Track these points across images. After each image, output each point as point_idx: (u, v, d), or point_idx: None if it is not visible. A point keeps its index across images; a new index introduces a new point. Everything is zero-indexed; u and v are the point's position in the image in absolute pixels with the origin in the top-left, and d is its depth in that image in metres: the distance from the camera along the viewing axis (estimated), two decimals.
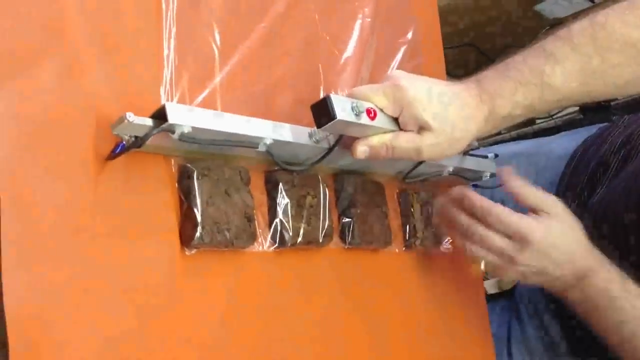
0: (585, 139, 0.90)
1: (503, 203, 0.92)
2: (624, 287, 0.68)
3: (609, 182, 0.80)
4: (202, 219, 0.53)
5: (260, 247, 0.59)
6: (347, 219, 0.67)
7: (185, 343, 0.52)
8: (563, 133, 1.03)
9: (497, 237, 0.66)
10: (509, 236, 0.66)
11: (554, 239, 0.67)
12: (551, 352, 0.85)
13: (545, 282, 0.70)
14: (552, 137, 1.02)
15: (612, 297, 0.68)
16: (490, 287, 0.91)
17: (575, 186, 0.84)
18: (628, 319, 0.67)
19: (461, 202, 0.68)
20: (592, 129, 0.92)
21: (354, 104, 0.57)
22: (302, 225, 0.61)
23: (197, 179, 0.53)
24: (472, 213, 0.68)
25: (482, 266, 0.68)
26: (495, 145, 1.06)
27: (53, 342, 0.44)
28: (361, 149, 0.61)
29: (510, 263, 0.66)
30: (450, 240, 0.73)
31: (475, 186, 0.84)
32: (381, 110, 0.60)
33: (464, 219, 0.68)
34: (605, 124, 0.92)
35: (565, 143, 0.92)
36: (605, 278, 0.68)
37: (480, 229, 0.67)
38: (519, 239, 0.66)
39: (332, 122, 0.56)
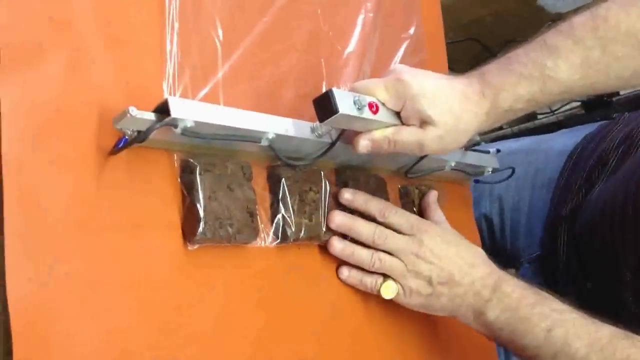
0: (584, 136, 0.90)
1: (500, 198, 0.93)
2: (536, 292, 0.65)
3: (607, 179, 0.80)
4: (204, 214, 0.53)
5: (263, 242, 0.59)
6: None
7: (187, 337, 0.52)
8: (563, 130, 1.03)
9: (398, 236, 0.65)
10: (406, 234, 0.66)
11: (451, 240, 0.67)
12: None
13: (458, 298, 0.65)
14: (552, 134, 1.02)
15: (531, 303, 0.63)
16: None
17: (574, 183, 0.84)
18: (555, 323, 0.62)
19: (352, 206, 0.66)
20: (592, 127, 0.92)
21: (356, 98, 0.57)
22: (304, 221, 0.61)
23: (200, 174, 0.53)
24: (366, 215, 0.66)
25: (391, 286, 0.65)
26: (496, 142, 1.06)
27: (56, 335, 0.44)
28: (363, 143, 0.61)
29: (414, 266, 0.64)
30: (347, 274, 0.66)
31: (477, 181, 0.84)
32: (383, 104, 0.60)
33: (367, 227, 0.65)
34: (606, 121, 0.92)
35: (565, 140, 0.92)
36: (518, 287, 0.65)
37: (385, 231, 0.65)
38: (417, 231, 0.65)
39: (334, 117, 0.56)
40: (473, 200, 0.89)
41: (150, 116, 0.48)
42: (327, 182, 0.64)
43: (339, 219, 0.64)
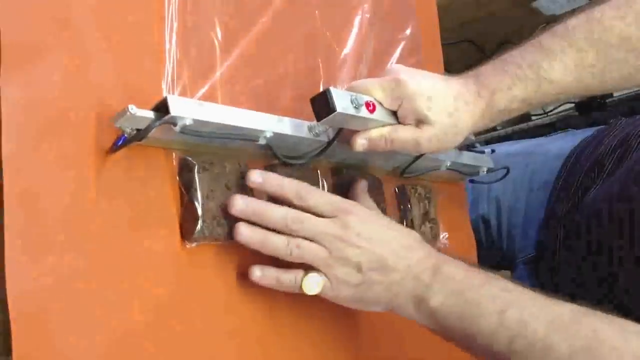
0: (581, 140, 0.90)
1: (498, 200, 0.94)
2: (482, 272, 0.58)
3: (604, 181, 0.81)
4: (202, 212, 0.53)
5: None
6: None
7: (185, 335, 0.52)
8: (560, 134, 1.04)
9: (317, 219, 0.56)
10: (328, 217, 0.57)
11: (380, 221, 0.59)
12: None
13: (394, 286, 0.57)
14: (549, 138, 1.03)
15: (478, 284, 0.56)
16: None
17: (570, 186, 0.85)
18: (507, 304, 0.54)
19: (263, 190, 0.57)
20: (589, 131, 0.92)
21: (353, 97, 0.58)
22: None
23: (198, 172, 0.54)
24: (279, 199, 0.57)
25: (315, 280, 0.56)
26: (491, 144, 1.07)
27: (55, 334, 0.45)
28: (360, 142, 0.61)
29: (339, 251, 0.56)
30: (258, 274, 0.56)
31: (472, 181, 0.85)
32: (380, 103, 0.60)
33: (278, 209, 0.55)
34: (602, 126, 0.93)
35: (562, 144, 0.92)
36: (461, 268, 0.58)
37: (301, 214, 0.56)
38: (339, 212, 0.57)
39: (331, 115, 0.56)
40: (471, 201, 0.89)
41: (150, 114, 0.48)
42: (324, 181, 0.65)
43: (240, 202, 0.54)
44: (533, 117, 1.59)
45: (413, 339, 0.68)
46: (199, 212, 0.53)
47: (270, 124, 0.56)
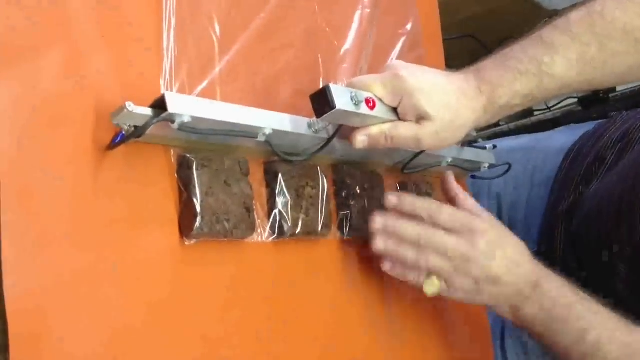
0: (582, 134, 0.90)
1: (499, 196, 0.94)
2: (575, 292, 0.66)
3: (604, 175, 0.81)
4: (201, 209, 0.53)
5: (260, 237, 0.59)
6: (345, 210, 0.67)
7: (184, 333, 0.52)
8: (561, 129, 1.04)
9: (448, 236, 0.64)
10: (456, 234, 0.64)
11: (499, 238, 0.66)
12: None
13: (501, 296, 0.66)
14: (550, 132, 1.03)
15: (568, 303, 0.65)
16: None
17: (572, 180, 0.85)
18: (590, 325, 0.63)
19: (398, 210, 0.65)
20: (590, 125, 0.92)
21: (353, 94, 0.58)
22: (301, 216, 0.62)
23: (197, 169, 0.54)
24: (414, 217, 0.65)
25: (435, 284, 0.64)
26: (494, 140, 1.07)
27: (52, 330, 0.44)
28: (360, 139, 0.61)
29: (463, 266, 0.63)
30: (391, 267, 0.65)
31: (473, 177, 0.85)
32: (380, 100, 0.60)
33: (413, 228, 0.63)
34: (603, 120, 0.93)
35: (563, 138, 0.92)
36: (557, 285, 0.66)
37: (433, 232, 0.64)
38: (468, 231, 0.64)
39: (331, 112, 0.56)
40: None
41: (147, 111, 0.48)
42: (324, 178, 0.65)
43: (380, 221, 0.64)
44: (536, 113, 1.58)
45: None
46: (198, 209, 0.53)
47: (270, 121, 0.56)
